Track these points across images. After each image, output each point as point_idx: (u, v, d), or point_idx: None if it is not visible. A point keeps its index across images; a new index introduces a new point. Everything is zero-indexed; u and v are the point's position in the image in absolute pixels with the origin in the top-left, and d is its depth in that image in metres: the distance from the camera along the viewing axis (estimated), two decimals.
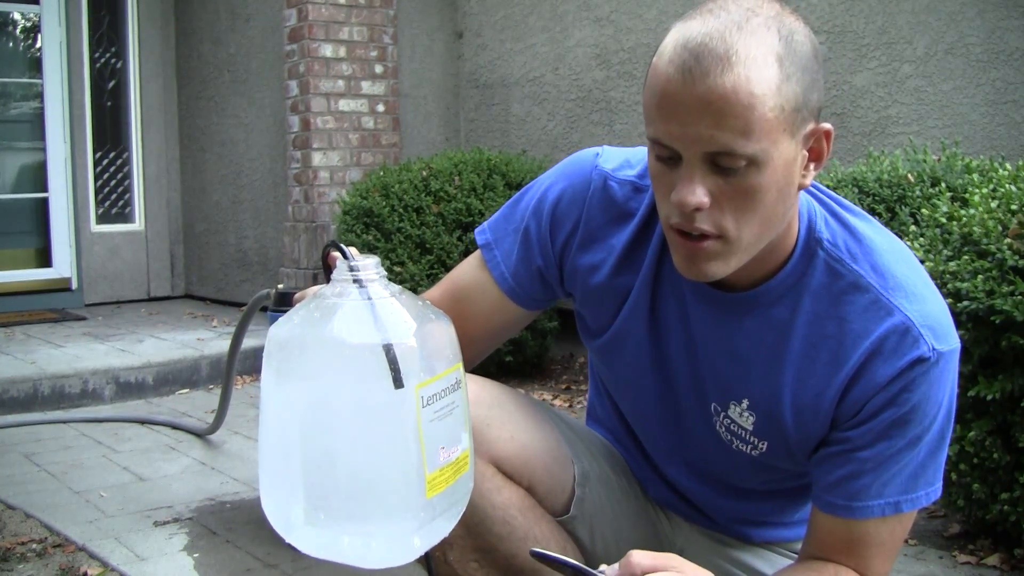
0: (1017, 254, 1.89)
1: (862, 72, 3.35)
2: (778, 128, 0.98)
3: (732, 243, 1.03)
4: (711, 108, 0.96)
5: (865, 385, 1.07)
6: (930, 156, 2.48)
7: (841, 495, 1.10)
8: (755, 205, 1.01)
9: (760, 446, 1.17)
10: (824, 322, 1.10)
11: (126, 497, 2.59)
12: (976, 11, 3.04)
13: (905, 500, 1.09)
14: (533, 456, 1.23)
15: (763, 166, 0.99)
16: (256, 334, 4.20)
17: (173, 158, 6.00)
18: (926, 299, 1.08)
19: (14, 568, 2.10)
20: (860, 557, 1.11)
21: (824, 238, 1.11)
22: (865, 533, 1.10)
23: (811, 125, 1.02)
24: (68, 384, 3.72)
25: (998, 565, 2.02)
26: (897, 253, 1.12)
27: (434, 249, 3.74)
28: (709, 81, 0.96)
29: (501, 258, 1.27)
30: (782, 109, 0.98)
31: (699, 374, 1.19)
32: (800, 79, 0.99)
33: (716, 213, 1.01)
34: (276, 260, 5.12)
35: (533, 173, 4.00)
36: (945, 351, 1.06)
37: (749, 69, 0.96)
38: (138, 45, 5.83)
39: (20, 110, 5.62)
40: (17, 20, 5.67)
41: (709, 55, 0.97)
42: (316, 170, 4.69)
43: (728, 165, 0.99)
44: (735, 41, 0.97)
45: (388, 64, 4.88)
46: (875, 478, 1.08)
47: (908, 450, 1.07)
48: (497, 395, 1.25)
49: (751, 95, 0.96)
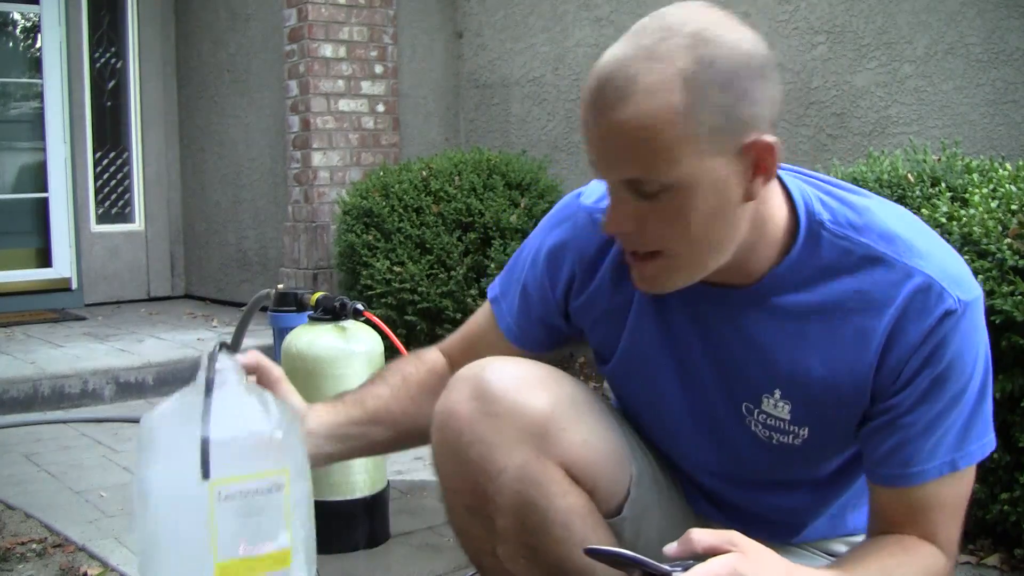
0: (1017, 254, 1.89)
1: (862, 72, 3.35)
2: (692, 152, 0.99)
3: (672, 259, 1.06)
4: (615, 141, 1.00)
5: (900, 350, 1.07)
6: (930, 156, 2.48)
7: (894, 464, 1.09)
8: (683, 226, 1.03)
9: (801, 433, 1.16)
10: (843, 299, 1.10)
11: (126, 497, 2.59)
12: (976, 11, 3.04)
13: (960, 457, 1.08)
14: (601, 460, 1.22)
15: (683, 190, 1.00)
16: (256, 334, 4.20)
17: (173, 158, 6.00)
18: (940, 254, 1.09)
19: (14, 568, 2.10)
20: (925, 524, 1.10)
21: (825, 219, 1.11)
22: (925, 498, 1.09)
23: (747, 140, 1.01)
24: (68, 384, 3.72)
25: (998, 565, 2.02)
26: (899, 216, 1.13)
27: (434, 249, 3.73)
28: (611, 115, 0.99)
29: (507, 310, 1.35)
30: (694, 134, 0.98)
31: (726, 375, 1.19)
32: (718, 98, 0.98)
33: (647, 235, 1.04)
34: (276, 260, 5.12)
35: (533, 173, 4.00)
36: (970, 299, 1.07)
37: (648, 100, 0.97)
38: (138, 45, 5.83)
39: (20, 110, 5.62)
40: (17, 20, 5.67)
41: (610, 87, 0.99)
42: (316, 170, 4.69)
43: (644, 191, 1.01)
44: (637, 72, 0.98)
45: (388, 64, 4.88)
46: (925, 441, 1.07)
47: (953, 407, 1.07)
48: (574, 394, 1.24)
49: (650, 128, 0.98)
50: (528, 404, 1.17)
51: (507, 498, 1.17)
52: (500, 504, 1.17)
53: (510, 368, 1.21)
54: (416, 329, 3.72)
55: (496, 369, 1.20)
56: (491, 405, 1.17)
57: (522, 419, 1.16)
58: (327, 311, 2.16)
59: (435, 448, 1.23)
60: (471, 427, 1.17)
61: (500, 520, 1.18)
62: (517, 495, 1.16)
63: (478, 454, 1.17)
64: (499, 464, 1.16)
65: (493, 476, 1.16)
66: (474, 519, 1.21)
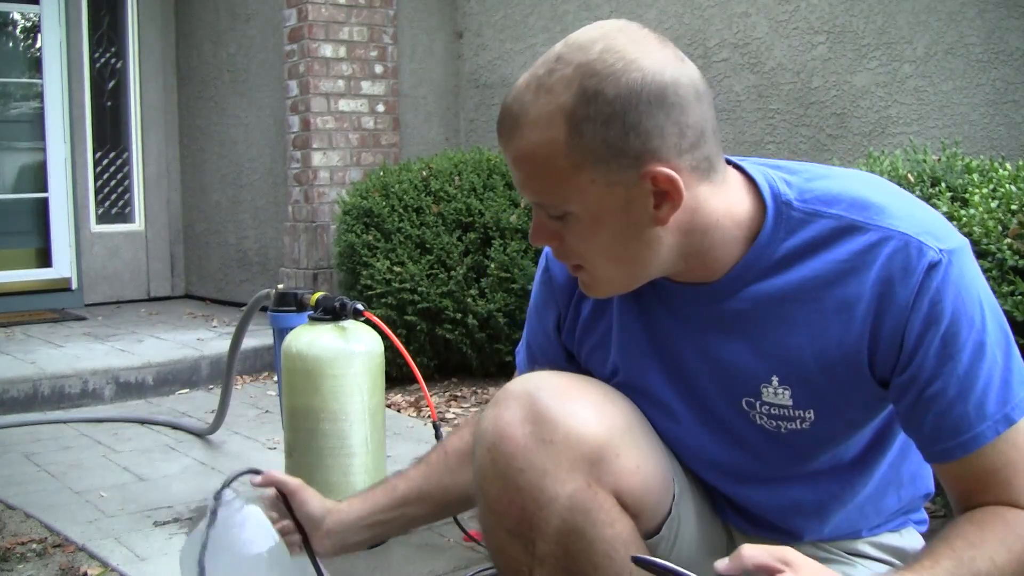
0: (1017, 254, 1.89)
1: (862, 72, 3.35)
2: (582, 183, 1.02)
3: (593, 274, 1.11)
4: (516, 168, 1.06)
5: (893, 313, 1.04)
6: (930, 156, 2.48)
7: (946, 438, 1.05)
8: (592, 246, 1.07)
9: (808, 416, 1.14)
10: (822, 273, 1.09)
11: (126, 497, 2.59)
12: (976, 11, 3.04)
13: (1012, 409, 1.04)
14: (651, 485, 1.19)
15: (581, 216, 1.05)
16: (256, 334, 4.20)
17: (173, 158, 6.01)
18: (913, 211, 1.07)
19: (14, 568, 2.10)
20: (1002, 487, 1.04)
21: (791, 198, 1.11)
22: (991, 461, 1.04)
23: (643, 170, 1.02)
24: (68, 384, 3.72)
25: None
26: (867, 182, 1.12)
27: (434, 249, 3.73)
28: (507, 144, 1.06)
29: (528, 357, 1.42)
30: (578, 166, 1.01)
31: (721, 374, 1.18)
32: (601, 131, 1.00)
33: (564, 251, 1.10)
34: (276, 260, 5.13)
35: None
36: (953, 248, 1.04)
37: (533, 134, 1.02)
38: (138, 45, 5.83)
39: (20, 110, 5.62)
40: (17, 20, 5.67)
41: (508, 117, 1.05)
42: (316, 170, 4.69)
43: (549, 214, 1.07)
44: (528, 103, 1.03)
45: (388, 64, 4.88)
46: (966, 403, 1.03)
47: (979, 360, 1.03)
48: (627, 414, 1.21)
49: (538, 159, 1.03)
50: (584, 431, 1.13)
51: (554, 525, 1.14)
52: (545, 531, 1.14)
53: (564, 387, 1.18)
54: (416, 329, 3.72)
55: (549, 388, 1.17)
56: (546, 431, 1.13)
57: (578, 447, 1.13)
58: (327, 311, 2.16)
59: (481, 468, 1.18)
60: (524, 454, 1.13)
61: (542, 545, 1.15)
62: (564, 523, 1.13)
63: (528, 481, 1.13)
64: (550, 492, 1.13)
65: (543, 504, 1.13)
66: (515, 541, 1.17)
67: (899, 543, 1.31)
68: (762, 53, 3.65)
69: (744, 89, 3.71)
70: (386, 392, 2.32)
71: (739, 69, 3.72)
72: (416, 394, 3.72)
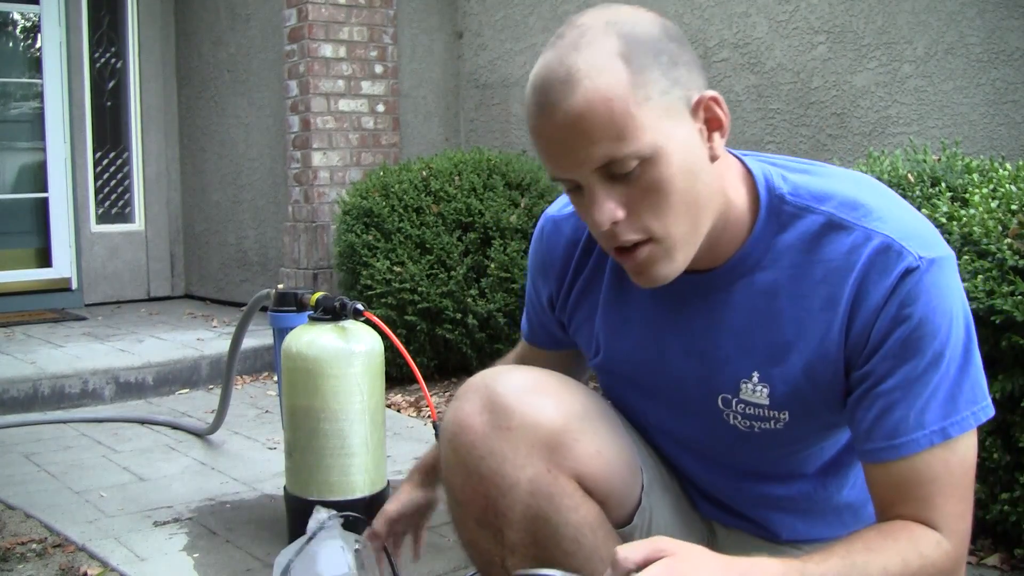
0: (1017, 254, 1.89)
1: (862, 72, 3.35)
2: (653, 118, 1.01)
3: (665, 241, 1.05)
4: (576, 129, 1.00)
5: (864, 312, 1.05)
6: (930, 156, 2.48)
7: (880, 437, 1.05)
8: (669, 196, 1.03)
9: (782, 417, 1.15)
10: (809, 270, 1.10)
11: (126, 497, 2.59)
12: (976, 11, 3.04)
13: (950, 424, 1.03)
14: (615, 471, 1.21)
15: (657, 158, 1.01)
16: (256, 334, 4.20)
17: (173, 158, 6.00)
18: (900, 216, 1.08)
19: (14, 568, 2.10)
20: (921, 500, 1.04)
21: (785, 192, 1.12)
22: (917, 472, 1.03)
23: (693, 99, 1.05)
24: (68, 384, 3.72)
25: (998, 565, 2.02)
26: (862, 183, 1.13)
27: (434, 249, 3.73)
28: (563, 108, 1.00)
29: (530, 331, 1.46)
30: (648, 98, 1.01)
31: (705, 365, 1.18)
32: (657, 63, 1.02)
33: (635, 220, 1.04)
34: (276, 260, 5.12)
35: (533, 173, 3.99)
36: (934, 257, 1.05)
37: (595, 79, 1.00)
38: (138, 45, 5.83)
39: (20, 110, 5.62)
40: (17, 20, 5.67)
41: (554, 83, 1.01)
42: (316, 170, 4.69)
43: (621, 171, 1.01)
44: (573, 61, 1.02)
45: (388, 64, 4.88)
46: (908, 407, 1.03)
47: (932, 370, 1.03)
48: (585, 402, 1.23)
49: (606, 101, 0.99)
50: (540, 416, 1.16)
51: (518, 512, 1.16)
52: (511, 518, 1.16)
53: (520, 378, 1.20)
54: (416, 329, 3.72)
55: (506, 380, 1.19)
56: (503, 418, 1.16)
57: (534, 432, 1.15)
58: (327, 311, 2.16)
59: (445, 460, 1.22)
60: (483, 440, 1.16)
61: (510, 533, 1.17)
62: (528, 509, 1.15)
63: (489, 468, 1.16)
64: (511, 478, 1.15)
65: (505, 490, 1.16)
66: (484, 531, 1.20)
67: None
68: (762, 53, 3.65)
69: (744, 89, 3.71)
70: (386, 392, 2.31)
71: (739, 69, 3.72)
72: (416, 394, 3.72)
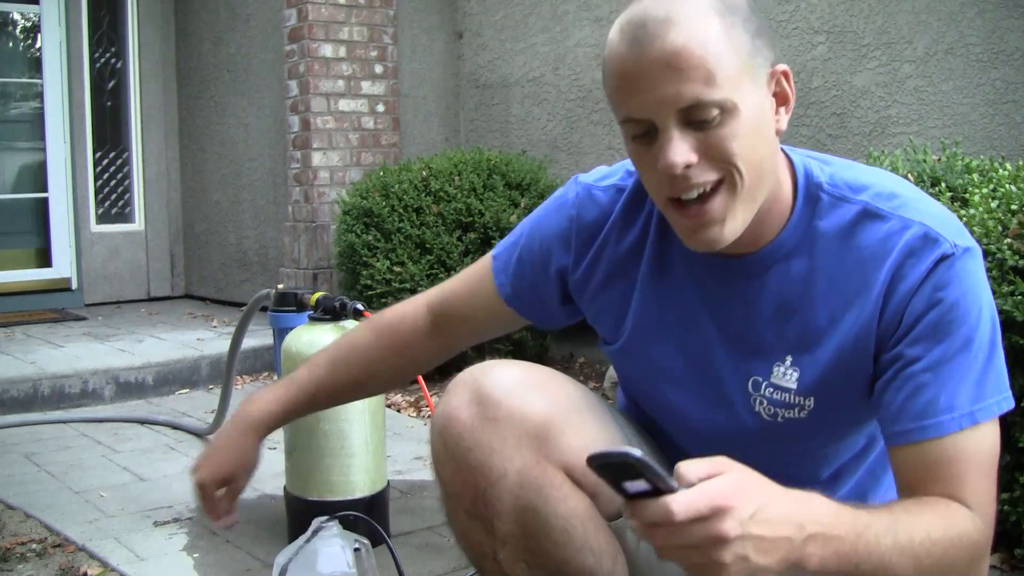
0: (1017, 254, 1.89)
1: (862, 72, 3.35)
2: (738, 74, 1.04)
3: (733, 188, 1.06)
4: (670, 66, 1.02)
5: (898, 296, 1.07)
6: (930, 156, 2.48)
7: (910, 418, 1.06)
8: (740, 151, 1.05)
9: (807, 404, 1.16)
10: (845, 257, 1.12)
11: (126, 497, 2.59)
12: (976, 11, 3.04)
13: (978, 410, 1.05)
14: None
15: (735, 112, 1.04)
16: (256, 334, 4.20)
17: (173, 158, 6.00)
18: (935, 208, 1.12)
19: (14, 568, 2.10)
20: (950, 480, 1.05)
21: (823, 181, 1.15)
22: (947, 453, 1.05)
23: (768, 69, 1.08)
24: (68, 384, 3.72)
25: (998, 565, 2.02)
26: (894, 178, 1.17)
27: (434, 249, 3.74)
28: (659, 43, 1.02)
29: (503, 268, 1.38)
30: (737, 54, 1.04)
31: (737, 349, 1.19)
32: (745, 27, 1.06)
33: (706, 164, 1.05)
34: (276, 260, 5.13)
35: (533, 173, 4.00)
36: (968, 246, 1.08)
37: (693, 25, 1.02)
38: (138, 45, 5.83)
39: (20, 110, 5.62)
40: (17, 20, 5.67)
41: (652, 22, 1.03)
42: (316, 170, 4.69)
43: (701, 118, 1.03)
44: (672, 5, 1.04)
45: (388, 64, 4.88)
46: (939, 390, 1.05)
47: (962, 354, 1.05)
48: (574, 396, 1.24)
49: (703, 45, 1.02)
50: (528, 408, 1.17)
51: (507, 503, 1.17)
52: (500, 509, 1.17)
53: (509, 371, 1.21)
54: None
55: (495, 373, 1.20)
56: (490, 410, 1.17)
57: (522, 423, 1.16)
58: (327, 311, 2.16)
59: (435, 453, 1.23)
60: (471, 432, 1.17)
61: (501, 525, 1.18)
62: (517, 500, 1.16)
63: (477, 459, 1.17)
64: (499, 469, 1.16)
65: (493, 481, 1.16)
66: (475, 524, 1.21)
67: None
68: None
69: None
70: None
71: None
72: (416, 394, 3.72)
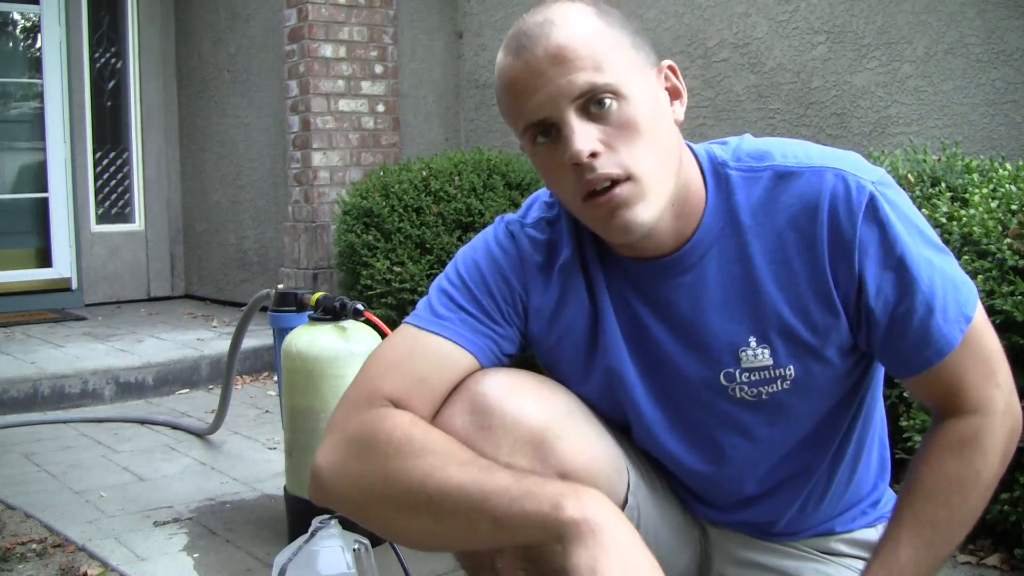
0: (1017, 254, 1.89)
1: (862, 72, 3.35)
2: (624, 63, 1.09)
3: (640, 180, 1.09)
4: (556, 61, 1.08)
5: (845, 251, 1.11)
6: (930, 156, 2.48)
7: (922, 348, 1.12)
8: (640, 134, 1.09)
9: (788, 373, 1.17)
10: (772, 222, 1.14)
11: (126, 497, 2.59)
12: (976, 11, 3.04)
13: (964, 304, 1.13)
14: (599, 468, 1.21)
15: (629, 97, 1.08)
16: (256, 334, 4.20)
17: (173, 158, 6.01)
18: (834, 153, 1.16)
19: (14, 568, 2.10)
20: (980, 381, 1.14)
21: (726, 159, 1.19)
22: (961, 361, 1.13)
23: (654, 65, 1.15)
24: (68, 384, 3.72)
25: (998, 565, 2.02)
26: (791, 140, 1.21)
27: (434, 249, 3.74)
28: (543, 44, 1.09)
29: (456, 330, 1.24)
30: (620, 46, 1.10)
31: (698, 349, 1.19)
32: (623, 27, 1.12)
33: (612, 154, 1.08)
34: (276, 260, 5.13)
35: (533, 173, 3.99)
36: (878, 179, 1.13)
37: (574, 22, 1.10)
38: (138, 45, 5.83)
39: (20, 110, 5.62)
40: (17, 20, 5.67)
41: (534, 28, 1.11)
42: (316, 170, 4.69)
43: (597, 107, 1.08)
44: (550, 12, 1.12)
45: (388, 64, 4.88)
46: (933, 314, 1.11)
47: (931, 273, 1.11)
48: (568, 402, 1.23)
49: (585, 37, 1.08)
50: (522, 415, 1.16)
51: None
52: None
53: (502, 380, 1.20)
54: None
55: (489, 382, 1.19)
56: (485, 418, 1.15)
57: (517, 430, 1.15)
58: (327, 311, 2.16)
59: None
60: (466, 442, 1.15)
61: None
62: None
63: None
64: None
65: None
66: None
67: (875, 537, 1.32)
68: (762, 53, 3.65)
69: (744, 89, 3.70)
70: None
71: (739, 69, 3.72)
72: None
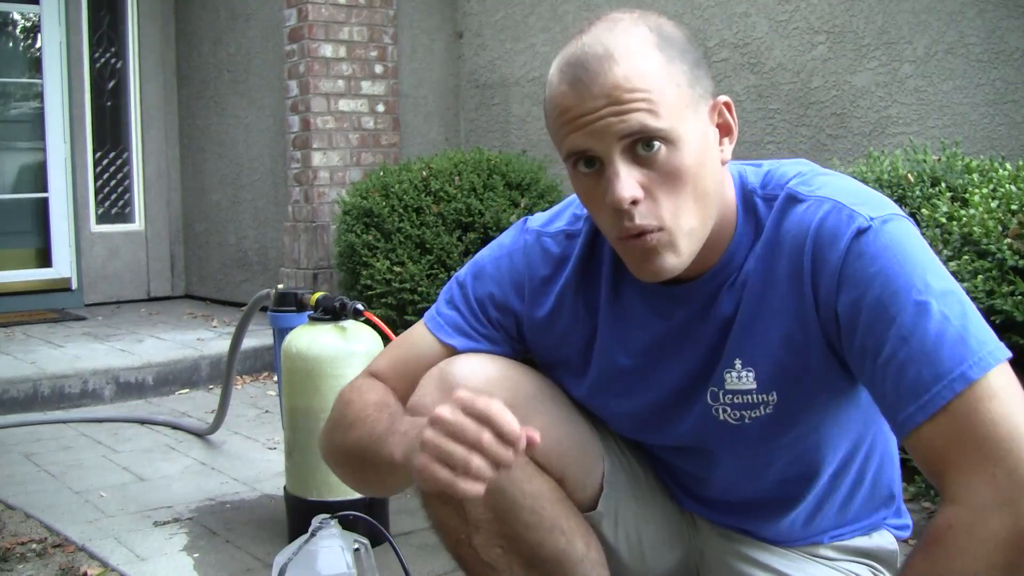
0: (1017, 254, 1.89)
1: (862, 72, 3.35)
2: (679, 104, 1.05)
3: (674, 232, 1.07)
4: (612, 99, 1.03)
5: (825, 283, 1.07)
6: (930, 156, 2.48)
7: (906, 403, 0.99)
8: (684, 184, 1.06)
9: (770, 399, 1.16)
10: (778, 248, 1.13)
11: (126, 497, 2.59)
12: (976, 11, 3.04)
13: (970, 367, 0.96)
14: (567, 450, 1.24)
15: (679, 143, 1.05)
16: (256, 334, 4.20)
17: (173, 158, 6.00)
18: (851, 186, 1.12)
19: (14, 568, 2.10)
20: (965, 463, 0.95)
21: (755, 185, 1.17)
22: (952, 426, 0.96)
23: (710, 101, 1.10)
24: (68, 384, 3.72)
25: None
26: (826, 169, 1.18)
27: (434, 249, 3.73)
28: (601, 79, 1.04)
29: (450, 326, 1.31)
30: (677, 86, 1.05)
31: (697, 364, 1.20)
32: (683, 59, 1.07)
33: (652, 204, 1.06)
34: (276, 260, 5.12)
35: (533, 173, 4.00)
36: (886, 215, 1.05)
37: (633, 59, 1.04)
38: (138, 45, 5.83)
39: (20, 110, 5.62)
40: (17, 20, 5.67)
41: (592, 59, 1.05)
42: (316, 170, 4.69)
43: (645, 151, 1.04)
44: (610, 41, 1.05)
45: (388, 64, 4.88)
46: (918, 365, 0.98)
47: (923, 320, 0.98)
48: (538, 384, 1.26)
49: (643, 77, 1.03)
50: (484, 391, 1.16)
51: None
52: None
53: (472, 362, 1.24)
54: None
55: (459, 364, 1.23)
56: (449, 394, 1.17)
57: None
58: (327, 311, 2.16)
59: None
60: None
61: (472, 509, 1.21)
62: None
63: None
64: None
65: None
66: (447, 508, 1.24)
67: (867, 544, 1.33)
68: (762, 53, 3.64)
69: (744, 89, 3.70)
70: None
71: (739, 69, 3.72)
72: None
